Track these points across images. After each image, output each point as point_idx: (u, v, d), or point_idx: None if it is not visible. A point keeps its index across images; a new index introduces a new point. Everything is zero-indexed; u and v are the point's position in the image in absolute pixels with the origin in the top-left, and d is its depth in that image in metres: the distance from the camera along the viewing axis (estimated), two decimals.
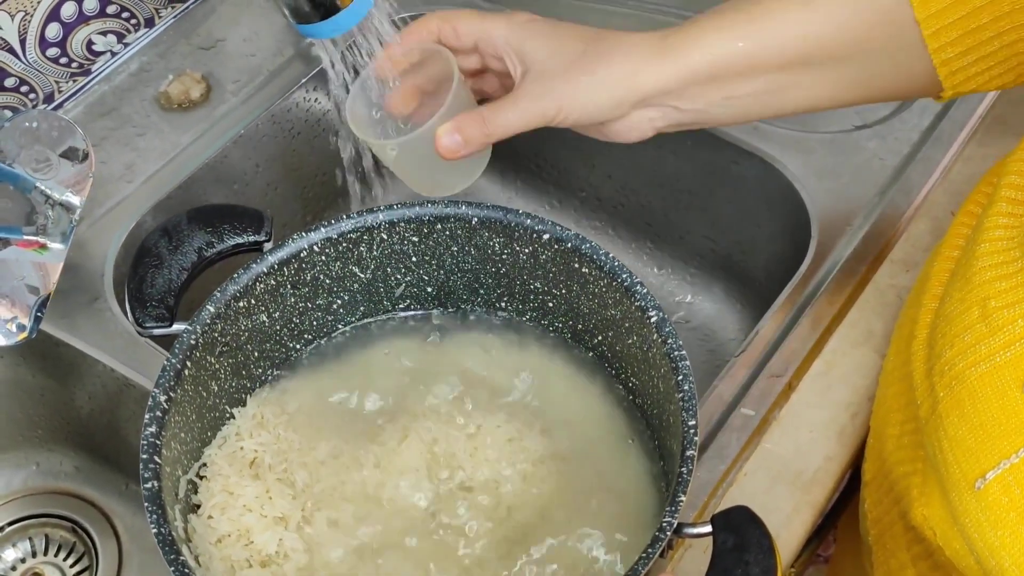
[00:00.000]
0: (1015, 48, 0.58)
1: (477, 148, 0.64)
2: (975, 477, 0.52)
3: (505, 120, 0.63)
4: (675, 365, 0.56)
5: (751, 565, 0.49)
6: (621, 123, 0.65)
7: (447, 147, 0.64)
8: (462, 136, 0.64)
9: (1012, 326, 0.51)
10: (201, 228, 0.63)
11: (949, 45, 0.59)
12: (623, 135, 0.66)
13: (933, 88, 0.62)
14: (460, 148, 0.64)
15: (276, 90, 0.90)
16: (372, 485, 0.63)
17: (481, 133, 0.64)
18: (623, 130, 0.65)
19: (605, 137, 0.67)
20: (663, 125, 0.65)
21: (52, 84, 0.88)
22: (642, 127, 0.65)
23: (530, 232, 0.63)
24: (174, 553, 0.52)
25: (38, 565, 0.86)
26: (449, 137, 0.64)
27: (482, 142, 0.64)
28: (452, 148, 0.64)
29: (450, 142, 0.64)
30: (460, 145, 0.64)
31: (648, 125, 0.65)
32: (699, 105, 0.63)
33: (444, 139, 0.64)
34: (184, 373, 0.58)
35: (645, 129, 0.65)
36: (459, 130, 0.64)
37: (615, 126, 0.65)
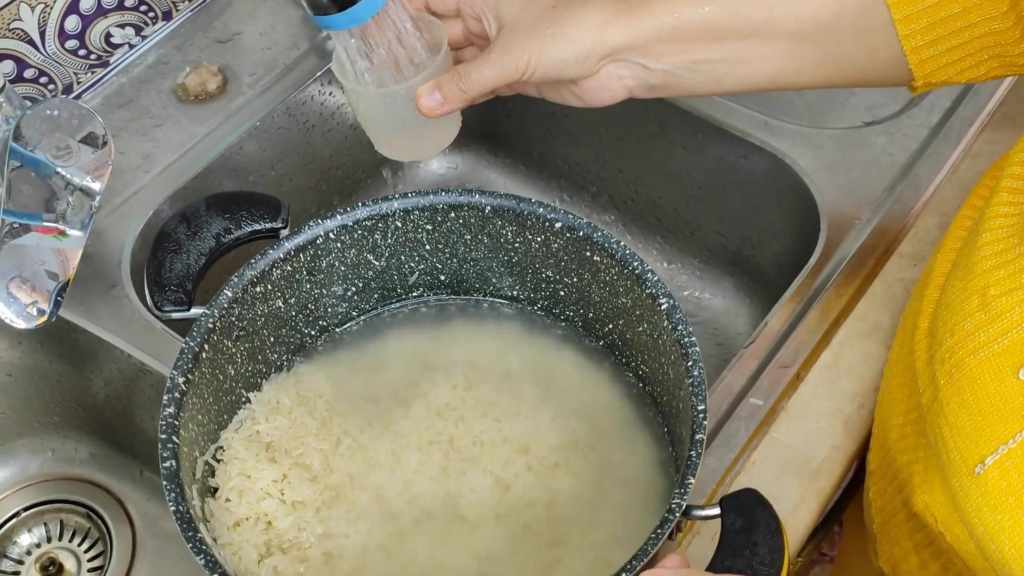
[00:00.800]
0: (985, 40, 0.59)
1: (456, 105, 0.66)
2: (975, 463, 0.53)
3: (479, 76, 0.65)
4: (685, 351, 0.57)
5: (759, 545, 0.50)
6: (591, 81, 0.66)
7: (427, 105, 0.65)
8: (441, 93, 0.65)
9: (1010, 313, 0.52)
10: (219, 214, 0.64)
11: (919, 32, 0.60)
12: (595, 95, 0.67)
13: (904, 77, 0.63)
14: (439, 106, 0.65)
15: (291, 83, 0.91)
16: (386, 472, 0.64)
17: (459, 90, 0.65)
18: (594, 89, 0.66)
19: (579, 100, 0.68)
20: (633, 85, 0.66)
21: (71, 75, 0.89)
22: (612, 86, 0.66)
23: (542, 220, 0.64)
24: (192, 531, 0.53)
25: (53, 550, 0.87)
26: (429, 95, 0.65)
27: (461, 99, 0.66)
28: (432, 106, 0.65)
29: (430, 100, 0.65)
30: (440, 103, 0.65)
31: (618, 84, 0.66)
32: (666, 65, 0.65)
33: (424, 98, 0.65)
34: (202, 356, 0.59)
35: (616, 88, 0.67)
36: (438, 88, 0.65)
37: (586, 85, 0.66)
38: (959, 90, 0.88)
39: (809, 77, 0.65)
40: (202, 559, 0.52)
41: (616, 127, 0.96)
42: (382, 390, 0.68)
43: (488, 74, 0.65)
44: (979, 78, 0.63)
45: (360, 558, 0.61)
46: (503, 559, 0.61)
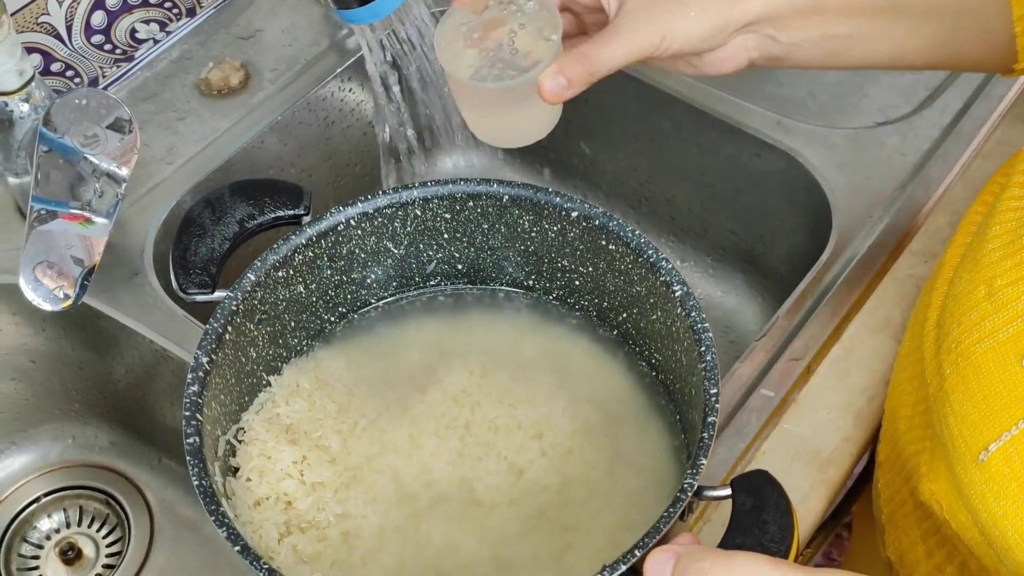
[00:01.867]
0: None
1: (581, 88, 0.63)
2: (979, 450, 0.53)
3: (610, 54, 0.62)
4: (698, 337, 0.58)
5: (769, 523, 0.51)
6: (718, 52, 0.64)
7: (551, 90, 0.62)
8: (565, 77, 0.62)
9: (1015, 302, 0.53)
10: (243, 201, 0.65)
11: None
12: (717, 66, 0.65)
13: (1008, 60, 0.62)
14: (564, 90, 0.62)
15: (312, 79, 0.92)
16: (403, 456, 0.65)
17: (585, 71, 0.62)
18: (718, 60, 0.64)
19: (696, 70, 0.66)
20: (757, 56, 0.65)
21: (96, 69, 0.91)
22: (737, 57, 0.64)
23: (559, 210, 0.65)
24: (215, 504, 0.54)
25: (72, 535, 0.89)
26: (552, 80, 0.62)
27: (586, 81, 0.62)
28: (556, 91, 0.62)
29: (554, 85, 0.62)
30: (564, 87, 0.62)
31: (743, 55, 0.64)
32: (796, 38, 0.63)
33: (547, 82, 0.62)
34: (225, 337, 0.61)
35: (740, 59, 0.65)
36: (562, 71, 0.62)
37: (712, 56, 0.64)
38: (971, 91, 0.89)
39: (924, 57, 0.64)
40: (224, 531, 0.53)
41: (630, 126, 0.97)
42: (399, 376, 0.69)
43: (618, 53, 0.62)
44: None
45: (377, 539, 0.62)
46: (516, 542, 0.62)
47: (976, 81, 0.89)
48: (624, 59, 0.62)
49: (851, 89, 0.96)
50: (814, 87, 0.98)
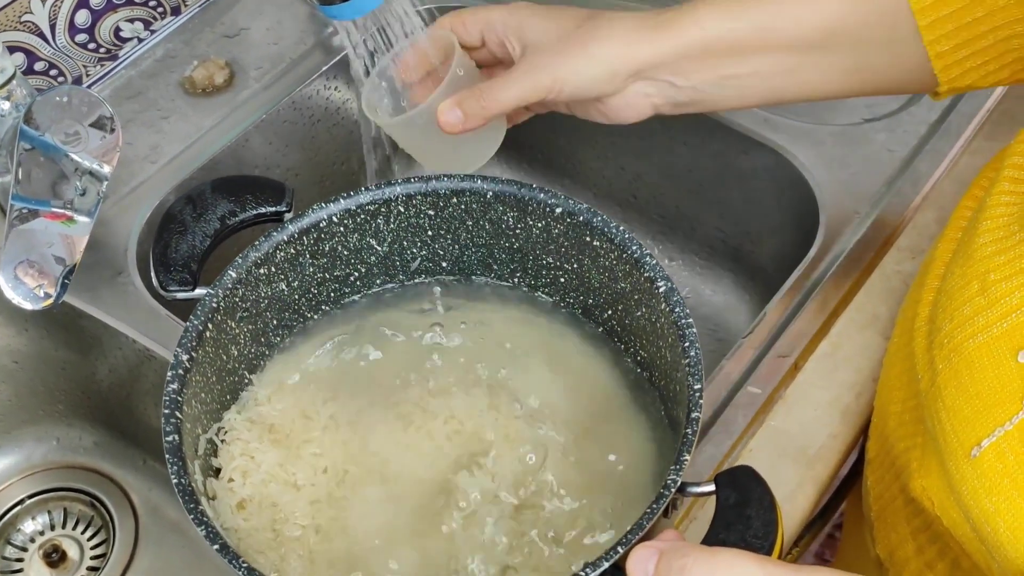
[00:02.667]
0: (1010, 44, 0.59)
1: (477, 123, 0.66)
2: (971, 445, 0.53)
3: (502, 94, 0.65)
4: (682, 332, 0.58)
5: (752, 519, 0.50)
6: (618, 99, 0.66)
7: (448, 122, 0.66)
8: (461, 110, 0.65)
9: (1009, 297, 0.52)
10: (224, 197, 0.65)
11: (944, 38, 0.60)
12: (621, 113, 0.67)
13: (929, 83, 0.63)
14: (460, 123, 0.66)
15: (297, 78, 0.92)
16: (388, 453, 0.65)
17: (479, 107, 0.65)
18: (620, 107, 0.67)
19: (605, 117, 0.68)
20: (660, 103, 0.66)
21: (80, 68, 0.91)
22: (639, 104, 0.66)
23: (543, 206, 0.64)
24: (194, 503, 0.53)
25: (56, 537, 0.88)
26: (449, 112, 0.66)
27: (482, 115, 0.66)
28: (452, 123, 0.66)
29: (450, 117, 0.66)
30: (460, 120, 0.66)
31: (645, 102, 0.66)
32: (694, 82, 0.65)
33: (445, 115, 0.66)
34: (205, 335, 0.60)
35: (642, 107, 0.67)
36: (459, 104, 0.66)
37: (612, 102, 0.66)
38: None
39: (835, 87, 0.65)
40: (203, 530, 0.52)
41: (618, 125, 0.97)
42: (384, 373, 0.68)
43: (512, 93, 0.65)
44: (1003, 81, 0.63)
45: (363, 537, 0.62)
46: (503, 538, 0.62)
47: None
48: (517, 100, 0.65)
49: None
50: None
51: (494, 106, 0.65)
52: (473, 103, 0.66)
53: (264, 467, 0.63)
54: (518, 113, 0.73)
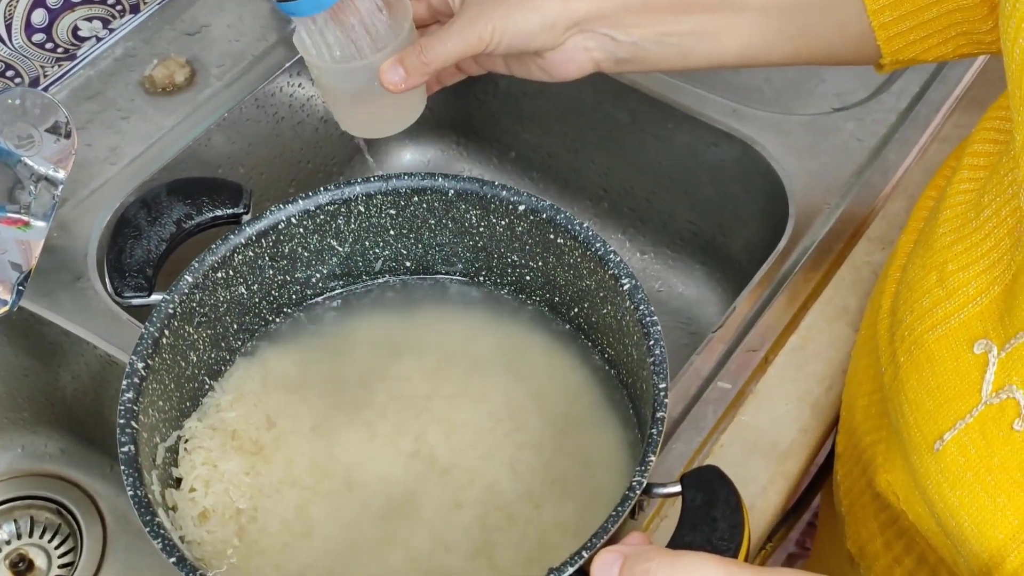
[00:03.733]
0: (953, 17, 0.59)
1: (419, 80, 0.65)
2: (934, 439, 0.52)
3: (442, 47, 0.64)
4: (647, 330, 0.57)
5: (718, 520, 0.50)
6: (558, 53, 0.65)
7: (391, 80, 0.64)
8: (404, 68, 0.64)
9: (966, 288, 0.52)
10: (180, 200, 0.63)
11: (887, 7, 0.60)
12: (562, 68, 0.66)
13: (872, 54, 0.63)
14: (402, 80, 0.65)
15: (260, 75, 0.90)
16: (353, 458, 0.64)
17: (420, 63, 0.64)
18: (560, 61, 0.66)
19: (545, 74, 0.67)
20: (601, 58, 0.66)
21: (37, 68, 0.89)
22: (579, 58, 0.65)
23: (506, 204, 0.63)
24: (150, 515, 0.52)
25: (23, 547, 0.86)
26: (392, 70, 0.64)
27: (423, 72, 0.65)
28: (395, 81, 0.64)
29: (393, 75, 0.64)
30: (403, 78, 0.64)
31: (585, 56, 0.65)
32: (634, 38, 0.64)
33: (387, 73, 0.64)
34: (162, 342, 0.59)
35: (583, 61, 0.66)
36: (400, 62, 0.64)
37: (552, 57, 0.65)
38: (927, 75, 0.88)
39: (777, 53, 0.65)
40: (159, 543, 0.51)
41: (587, 117, 0.96)
42: (349, 376, 0.67)
43: (451, 46, 0.64)
44: (947, 56, 0.63)
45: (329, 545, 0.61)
46: (470, 542, 0.61)
47: (931, 64, 0.89)
48: (458, 52, 0.64)
49: (807, 75, 0.95)
50: (770, 73, 0.97)
51: (435, 61, 0.64)
52: (414, 59, 0.64)
53: (227, 476, 0.62)
54: (450, 73, 0.72)
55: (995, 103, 0.60)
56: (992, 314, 0.49)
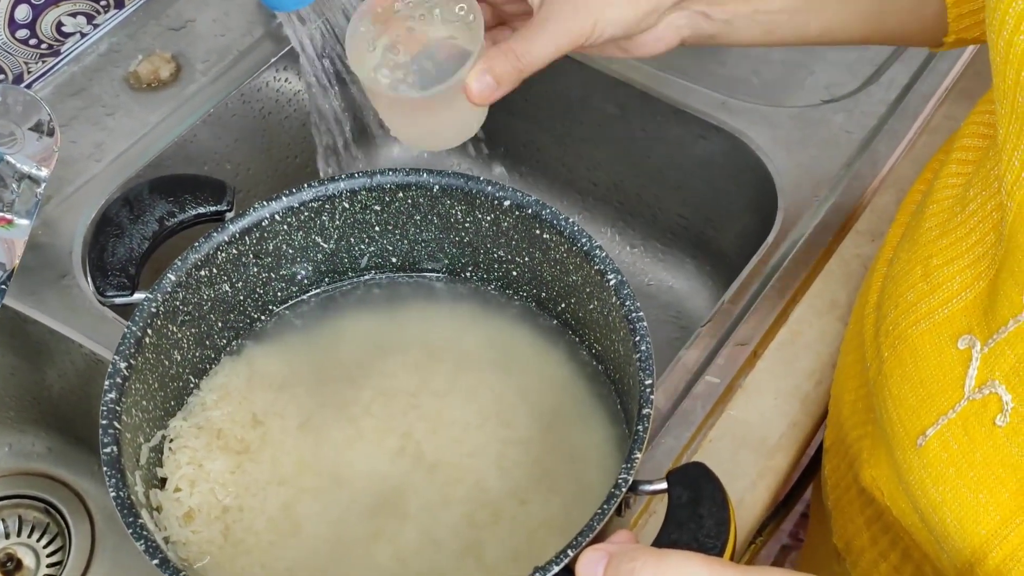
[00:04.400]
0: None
1: (511, 87, 0.59)
2: (917, 434, 0.52)
3: (540, 48, 0.58)
4: (633, 326, 0.57)
5: (705, 518, 0.49)
6: (649, 34, 0.61)
7: (479, 91, 0.58)
8: (494, 76, 0.58)
9: (951, 282, 0.51)
10: (162, 198, 0.63)
11: None
12: (648, 47, 0.63)
13: (939, 35, 0.61)
14: (494, 90, 0.58)
15: (246, 70, 0.90)
16: (338, 458, 0.63)
17: (514, 68, 0.58)
18: (649, 41, 0.62)
19: (626, 53, 0.63)
20: (689, 35, 0.63)
21: (21, 65, 0.88)
22: (668, 36, 0.62)
23: (491, 199, 0.63)
24: (133, 516, 0.52)
25: (11, 546, 0.86)
26: (480, 80, 0.58)
27: (516, 79, 0.59)
28: (485, 92, 0.58)
29: (481, 85, 0.58)
30: (493, 87, 0.58)
31: (674, 34, 0.62)
32: (727, 15, 0.62)
33: (475, 84, 0.58)
34: (145, 341, 0.58)
35: (671, 39, 0.62)
36: (490, 70, 0.58)
37: (643, 37, 0.62)
38: (917, 66, 0.88)
39: (855, 31, 0.63)
40: (142, 544, 0.51)
41: (576, 111, 0.95)
42: (336, 373, 0.67)
43: (548, 45, 0.58)
44: None
45: (316, 544, 0.61)
46: (457, 540, 0.61)
47: (921, 56, 0.88)
48: (556, 51, 0.59)
49: (796, 66, 0.94)
50: (758, 65, 0.96)
51: (531, 64, 0.58)
52: (505, 64, 0.58)
53: (213, 475, 0.62)
54: None
55: (984, 96, 0.59)
56: (976, 309, 0.49)
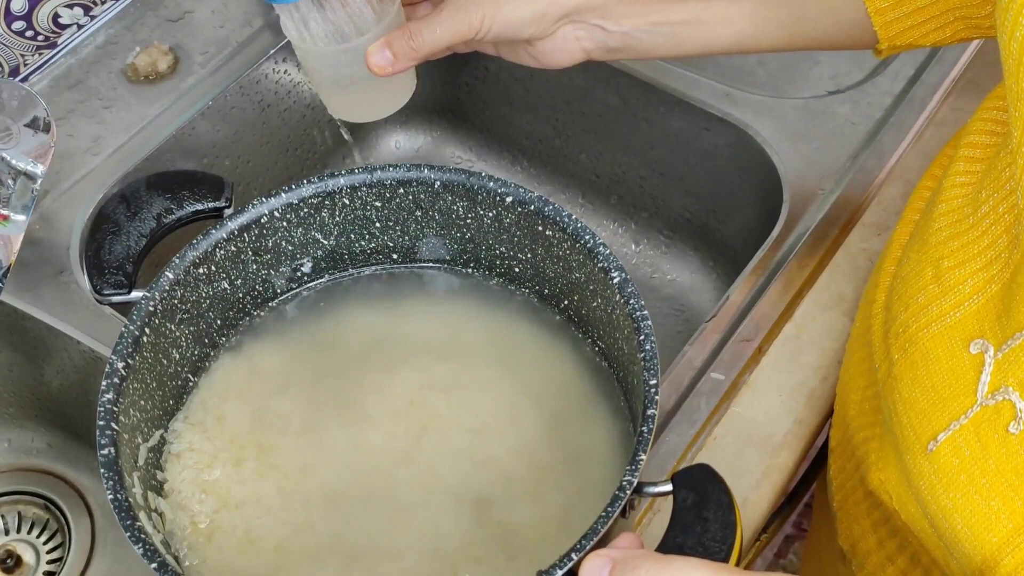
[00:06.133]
0: (951, 2, 0.58)
1: (406, 64, 0.64)
2: (927, 439, 0.51)
3: (431, 34, 0.63)
4: (637, 325, 0.56)
5: (710, 521, 0.49)
6: (548, 42, 0.65)
7: (377, 63, 0.64)
8: (391, 51, 0.64)
9: (962, 285, 0.50)
10: (160, 194, 0.62)
11: None
12: (552, 57, 0.66)
13: (868, 40, 0.62)
14: (389, 64, 0.64)
15: (245, 62, 0.89)
16: (339, 454, 0.63)
17: (409, 47, 0.63)
18: (551, 50, 0.65)
19: (535, 61, 0.67)
20: (592, 47, 0.65)
21: (17, 57, 0.87)
22: (570, 48, 0.65)
23: (493, 195, 0.62)
24: (130, 519, 0.52)
25: (11, 543, 0.85)
26: (379, 54, 0.64)
27: (411, 57, 0.64)
28: (382, 65, 0.64)
29: (380, 59, 0.64)
30: (390, 61, 0.64)
31: (576, 46, 0.65)
32: (624, 28, 0.63)
33: (374, 56, 0.64)
34: (143, 340, 0.58)
35: (574, 51, 0.65)
36: (388, 45, 0.64)
37: (543, 46, 0.65)
38: (923, 57, 0.87)
39: (771, 40, 0.64)
40: (140, 548, 0.50)
41: (577, 102, 0.94)
42: (337, 369, 0.66)
43: (440, 32, 0.63)
44: (944, 41, 0.62)
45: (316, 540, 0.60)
46: (460, 537, 0.60)
47: None
48: (447, 39, 0.64)
49: (802, 57, 0.93)
50: (763, 56, 0.95)
51: (424, 47, 0.64)
52: (403, 44, 0.64)
53: (212, 473, 0.61)
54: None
55: (992, 92, 0.58)
56: (989, 313, 0.48)
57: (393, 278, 0.69)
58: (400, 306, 0.69)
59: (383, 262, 0.68)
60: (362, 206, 0.64)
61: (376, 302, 0.69)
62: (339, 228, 0.65)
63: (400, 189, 0.63)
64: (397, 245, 0.67)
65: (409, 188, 0.63)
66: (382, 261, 0.68)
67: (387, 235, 0.66)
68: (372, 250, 0.67)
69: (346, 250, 0.67)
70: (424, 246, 0.67)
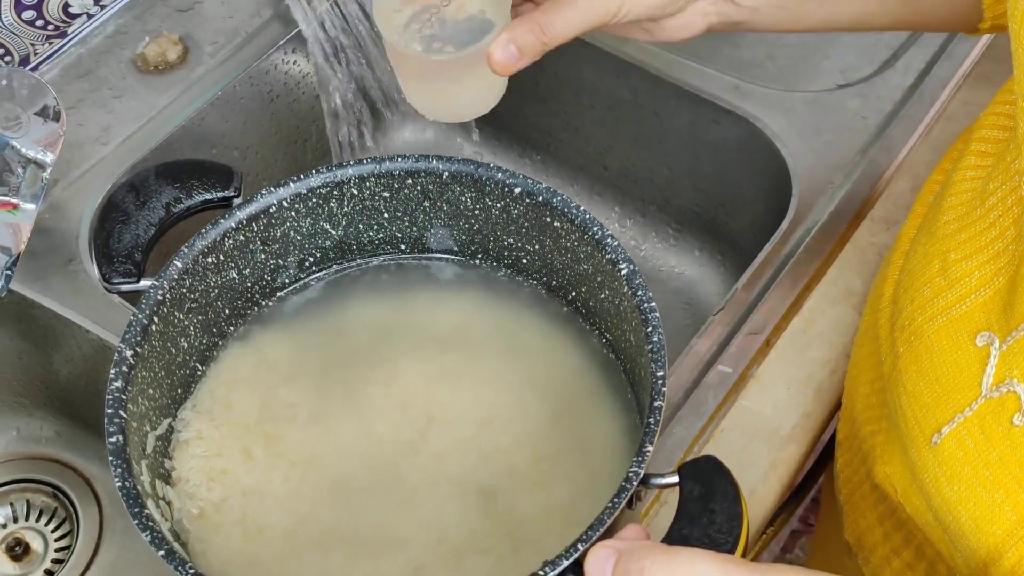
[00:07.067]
0: None
1: (533, 58, 0.60)
2: (932, 432, 0.51)
3: (565, 23, 0.58)
4: (645, 317, 0.56)
5: (716, 513, 0.48)
6: (676, 19, 0.61)
7: (502, 61, 0.59)
8: (517, 47, 0.58)
9: (968, 278, 0.50)
10: (169, 183, 0.62)
11: None
12: (673, 32, 0.63)
13: (974, 19, 0.60)
14: (516, 60, 0.59)
15: (254, 52, 0.89)
16: (346, 444, 0.63)
17: (538, 40, 0.58)
18: (675, 26, 0.62)
19: (649, 35, 0.63)
20: (716, 21, 0.62)
21: (28, 47, 0.88)
22: (695, 23, 0.62)
23: (501, 186, 0.62)
24: (138, 507, 0.52)
25: (20, 530, 0.86)
26: (503, 50, 0.58)
27: (539, 51, 0.59)
28: (507, 62, 0.59)
29: (504, 55, 0.58)
30: (516, 58, 0.59)
31: (701, 20, 0.62)
32: (756, 3, 0.61)
33: (498, 52, 0.58)
34: (151, 329, 0.58)
35: (698, 25, 0.62)
36: (513, 40, 0.58)
37: (667, 22, 0.62)
38: (934, 50, 0.86)
39: (890, 17, 0.62)
40: (148, 535, 0.50)
41: (587, 95, 0.94)
42: (344, 360, 0.66)
43: (574, 21, 0.58)
44: None
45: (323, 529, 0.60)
46: (466, 527, 0.60)
47: (939, 40, 0.87)
48: (580, 27, 0.59)
49: (811, 51, 0.93)
50: (773, 49, 0.95)
51: (555, 38, 0.58)
52: (530, 37, 0.58)
53: (220, 462, 0.61)
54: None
55: (1004, 86, 0.58)
56: (995, 306, 0.48)
57: (401, 269, 0.70)
58: (407, 297, 0.69)
59: (391, 253, 0.68)
60: (370, 196, 0.64)
61: (384, 293, 0.69)
62: (347, 218, 0.65)
63: (408, 179, 0.63)
64: (405, 236, 0.67)
65: (417, 178, 0.63)
66: (390, 252, 0.68)
67: (395, 225, 0.66)
68: (380, 240, 0.67)
69: (354, 240, 0.67)
70: (432, 237, 0.67)
